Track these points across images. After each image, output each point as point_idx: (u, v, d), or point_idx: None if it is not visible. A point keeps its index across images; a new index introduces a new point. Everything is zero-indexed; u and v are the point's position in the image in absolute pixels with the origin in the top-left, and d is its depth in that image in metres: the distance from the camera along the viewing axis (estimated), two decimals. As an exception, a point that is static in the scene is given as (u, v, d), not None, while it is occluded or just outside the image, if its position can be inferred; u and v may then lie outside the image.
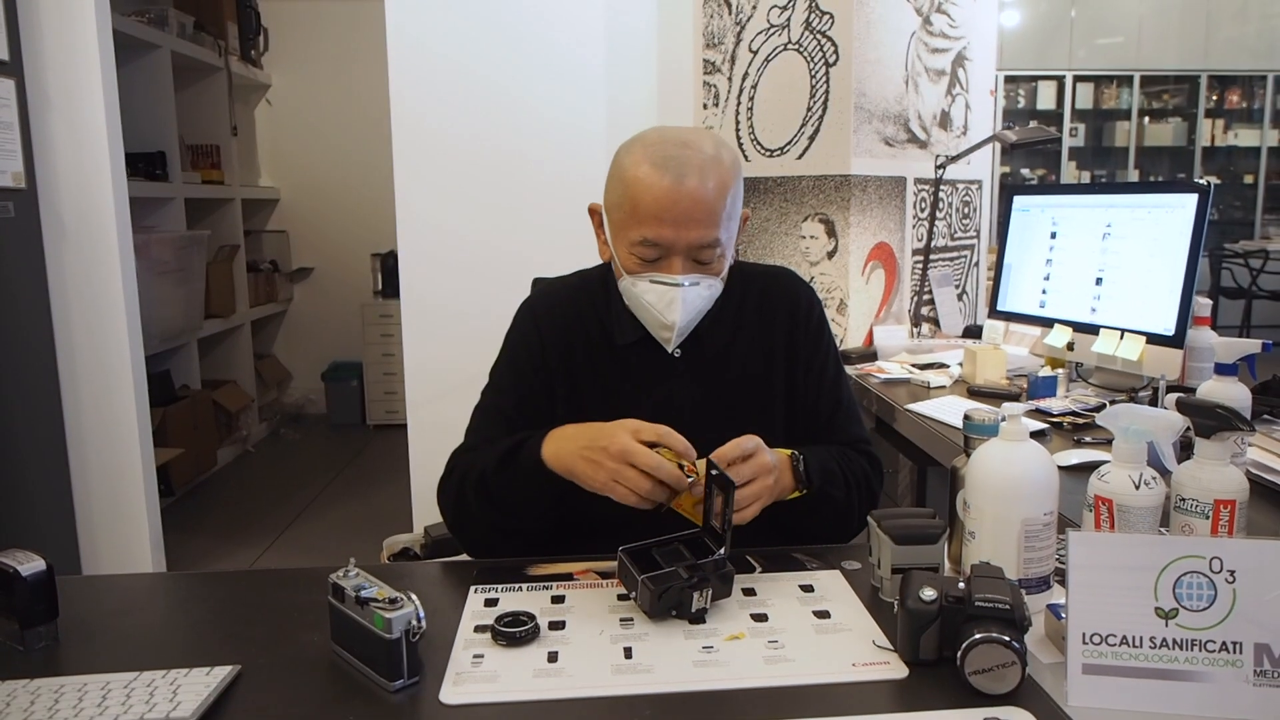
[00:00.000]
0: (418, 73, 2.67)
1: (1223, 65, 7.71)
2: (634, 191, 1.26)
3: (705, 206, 1.25)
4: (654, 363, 1.39)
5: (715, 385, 1.40)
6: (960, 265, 3.06)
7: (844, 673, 0.94)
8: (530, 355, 1.41)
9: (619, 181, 1.30)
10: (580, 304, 1.44)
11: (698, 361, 1.40)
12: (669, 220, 1.25)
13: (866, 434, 1.47)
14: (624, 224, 1.30)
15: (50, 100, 2.59)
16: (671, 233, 1.26)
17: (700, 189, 1.25)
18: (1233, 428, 1.03)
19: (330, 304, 5.78)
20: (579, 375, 1.40)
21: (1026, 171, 7.84)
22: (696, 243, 1.28)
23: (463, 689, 0.92)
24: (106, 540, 2.77)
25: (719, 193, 1.26)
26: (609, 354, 1.40)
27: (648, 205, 1.25)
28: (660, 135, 1.30)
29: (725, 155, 1.29)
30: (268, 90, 5.58)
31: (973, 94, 3.07)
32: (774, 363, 1.43)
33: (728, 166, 1.29)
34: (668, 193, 1.24)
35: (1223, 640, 0.86)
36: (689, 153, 1.26)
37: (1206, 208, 1.77)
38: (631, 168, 1.27)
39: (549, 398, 1.40)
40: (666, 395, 1.38)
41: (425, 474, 2.74)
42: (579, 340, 1.41)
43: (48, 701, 0.87)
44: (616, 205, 1.31)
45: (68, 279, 2.66)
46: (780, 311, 1.45)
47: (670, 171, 1.24)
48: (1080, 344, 1.98)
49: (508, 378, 1.43)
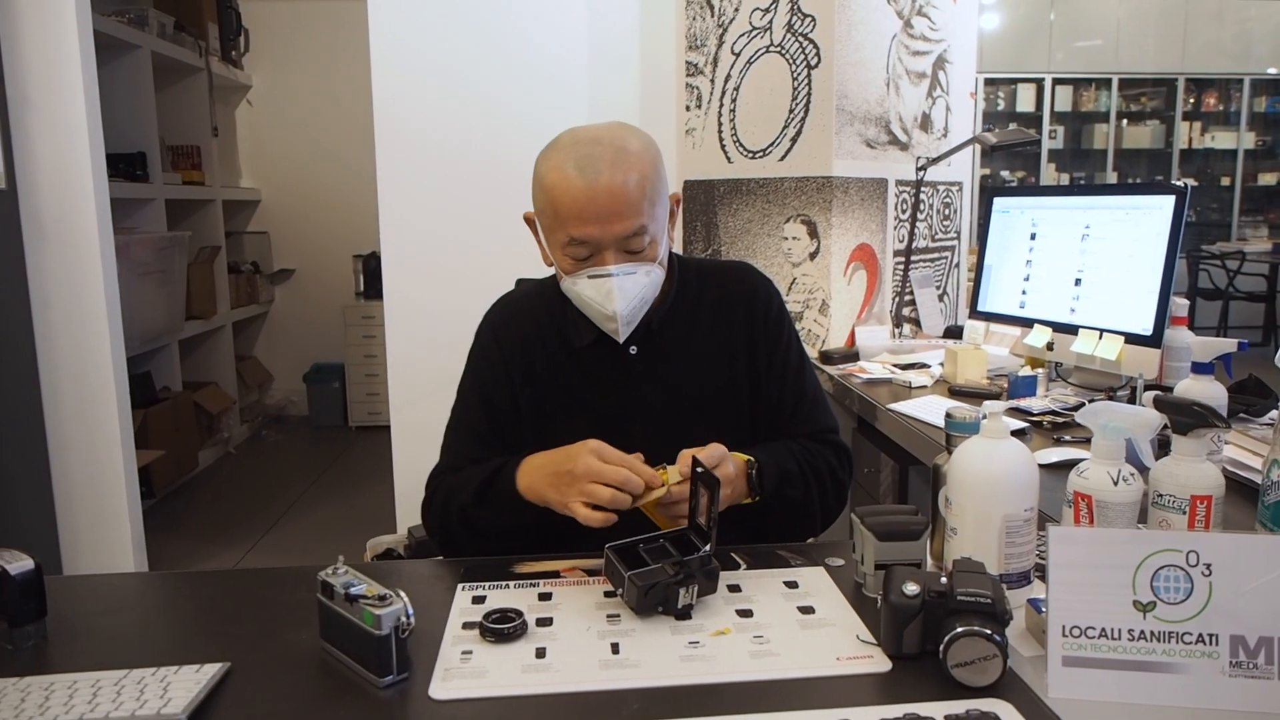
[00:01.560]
0: (400, 74, 2.66)
1: (1200, 68, 7.81)
2: (553, 195, 1.28)
3: (624, 198, 1.26)
4: (612, 363, 1.41)
5: (675, 382, 1.41)
6: (941, 266, 3.09)
7: (828, 666, 0.95)
8: (493, 370, 1.43)
9: (540, 189, 1.31)
10: (538, 313, 1.45)
11: (655, 359, 1.41)
12: (590, 218, 1.26)
13: (834, 422, 1.48)
14: (551, 228, 1.32)
15: (30, 100, 2.57)
16: (596, 229, 1.27)
17: (614, 182, 1.25)
18: (1209, 425, 1.05)
19: (312, 305, 5.75)
20: (541, 384, 1.42)
21: (1006, 173, 7.91)
22: (622, 234, 1.28)
23: (451, 685, 0.93)
24: (88, 542, 2.75)
25: (637, 182, 1.27)
26: (568, 358, 1.42)
27: (567, 206, 1.27)
28: (573, 137, 1.31)
29: (635, 144, 1.30)
30: (248, 91, 5.55)
31: (953, 96, 3.10)
32: (735, 358, 1.44)
33: (640, 154, 1.29)
34: (584, 191, 1.25)
35: (1199, 632, 0.88)
36: (600, 149, 1.27)
37: (1184, 209, 1.80)
38: (548, 173, 1.29)
39: (515, 410, 1.42)
40: (628, 397, 1.40)
41: (408, 475, 2.73)
42: (538, 349, 1.43)
43: (38, 699, 0.88)
44: (541, 211, 1.33)
45: (48, 280, 2.64)
46: (738, 305, 1.46)
47: (584, 171, 1.25)
48: (1060, 344, 2.01)
49: (474, 394, 1.46)
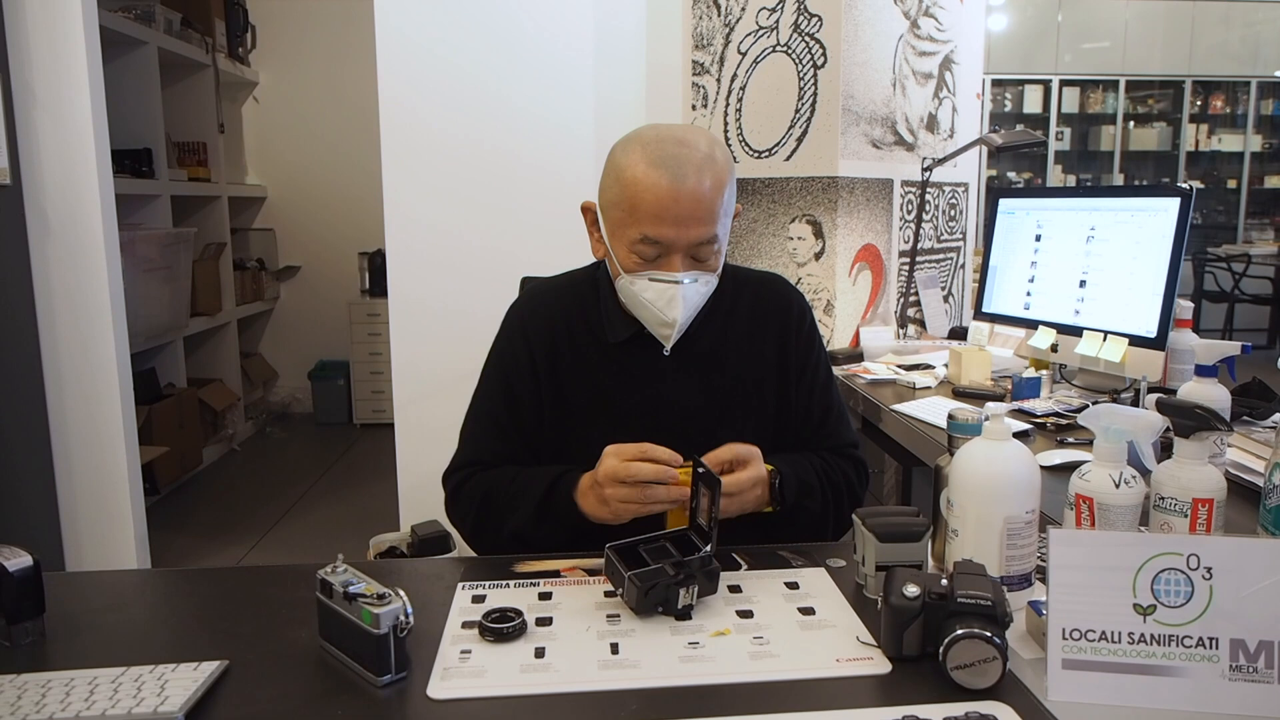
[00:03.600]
0: (407, 71, 2.66)
1: (1207, 71, 7.79)
2: (633, 191, 1.26)
3: (704, 205, 1.26)
4: (645, 361, 1.40)
5: (705, 385, 1.41)
6: (946, 267, 3.08)
7: (828, 668, 0.95)
8: (516, 359, 1.43)
9: (616, 181, 1.30)
10: (567, 304, 1.45)
11: (688, 361, 1.41)
12: (669, 219, 1.26)
13: (855, 438, 1.49)
14: (622, 223, 1.30)
15: (36, 96, 2.57)
16: (672, 231, 1.27)
17: (699, 187, 1.25)
18: (1211, 428, 1.05)
19: (317, 302, 5.76)
20: (565, 376, 1.41)
21: (1013, 174, 7.89)
22: (696, 240, 1.28)
23: (450, 684, 0.93)
24: (91, 538, 2.76)
25: (716, 190, 1.27)
26: (599, 352, 1.41)
27: (648, 204, 1.26)
28: (657, 134, 1.30)
29: (720, 153, 1.30)
30: (255, 87, 5.55)
31: (960, 97, 3.09)
32: (765, 368, 1.44)
33: (723, 164, 1.30)
34: (668, 192, 1.24)
35: (1200, 636, 0.88)
36: (686, 151, 1.26)
37: (1188, 212, 1.79)
38: (629, 167, 1.27)
39: (537, 402, 1.41)
40: (656, 392, 1.40)
41: (412, 473, 2.73)
42: (565, 340, 1.42)
43: (35, 696, 0.88)
44: (614, 204, 1.31)
45: (52, 276, 2.64)
46: (772, 317, 1.46)
47: (669, 170, 1.25)
48: (1064, 345, 2.00)
49: (496, 384, 1.45)
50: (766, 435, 1.41)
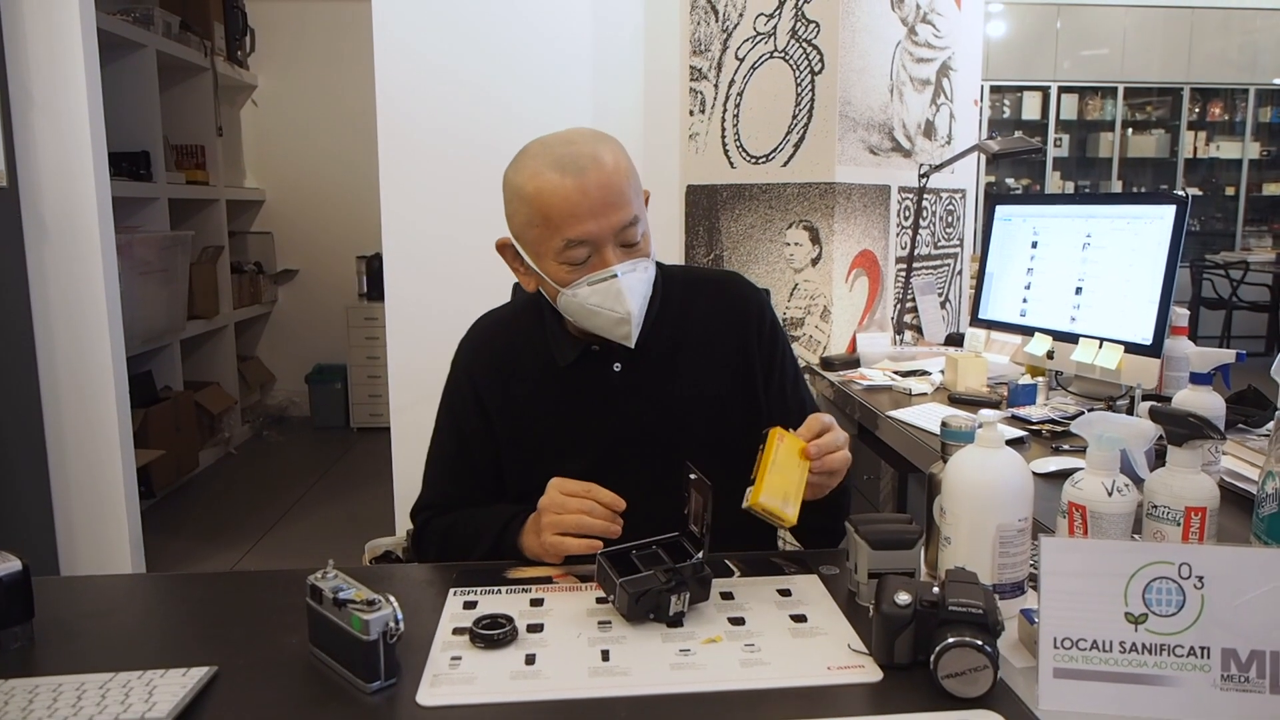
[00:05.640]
0: (404, 75, 2.67)
1: (1205, 78, 7.79)
2: (540, 202, 1.25)
3: (614, 189, 1.25)
4: (596, 382, 1.37)
5: (662, 397, 1.37)
6: (943, 273, 3.08)
7: (819, 676, 0.95)
8: (463, 400, 1.42)
9: (521, 202, 1.28)
10: (512, 334, 1.43)
11: (641, 374, 1.37)
12: (585, 214, 1.24)
13: None
14: (541, 238, 1.28)
15: (33, 98, 2.57)
16: (593, 225, 1.25)
17: (602, 175, 1.24)
18: (1203, 436, 1.05)
19: (315, 306, 5.76)
20: (520, 407, 1.39)
21: (1011, 181, 7.90)
22: (619, 225, 1.26)
23: (440, 691, 0.92)
24: (86, 542, 2.75)
25: (619, 172, 1.26)
26: (551, 378, 1.39)
27: (559, 208, 1.24)
28: (543, 144, 1.29)
29: (607, 140, 1.30)
30: (253, 91, 5.56)
31: (957, 104, 3.09)
32: (727, 372, 1.40)
33: (615, 148, 1.29)
34: (575, 188, 1.23)
35: (1191, 645, 0.87)
36: (576, 147, 1.26)
37: (1185, 219, 1.79)
38: (528, 181, 1.26)
39: (488, 438, 1.40)
40: (615, 416, 1.37)
41: (408, 478, 2.73)
42: (514, 372, 1.40)
43: (21, 702, 0.87)
44: (527, 224, 1.29)
45: (49, 278, 2.64)
46: (730, 319, 1.42)
47: (568, 169, 1.24)
48: (1060, 352, 2.00)
49: (446, 426, 1.45)
50: (735, 440, 1.28)
